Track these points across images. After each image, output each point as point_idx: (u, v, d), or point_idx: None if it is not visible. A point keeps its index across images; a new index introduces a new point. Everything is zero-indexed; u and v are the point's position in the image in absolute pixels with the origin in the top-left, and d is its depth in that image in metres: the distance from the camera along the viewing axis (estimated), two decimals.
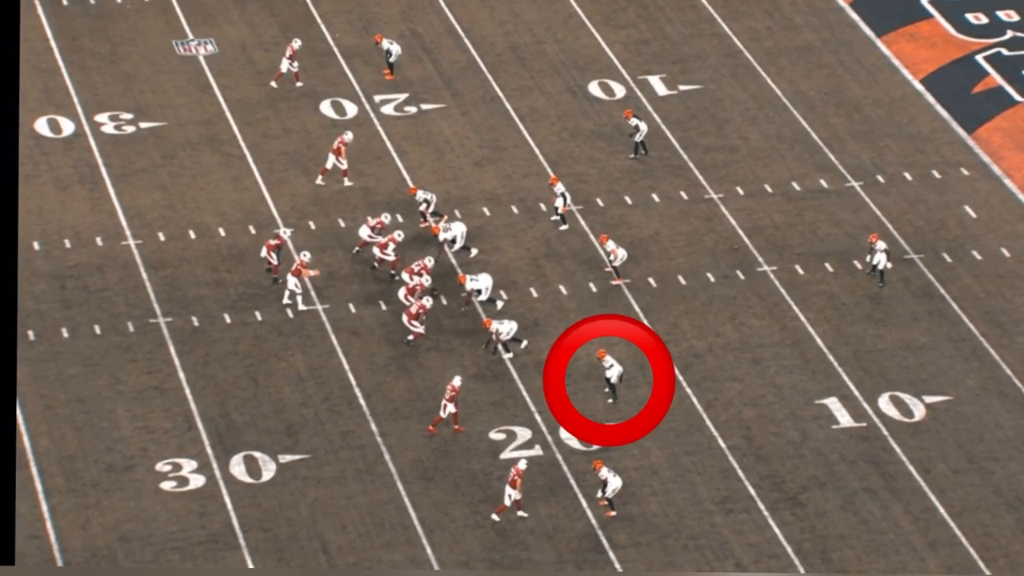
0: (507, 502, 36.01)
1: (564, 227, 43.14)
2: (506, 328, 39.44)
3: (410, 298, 40.08)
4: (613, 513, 36.26)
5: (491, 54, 49.11)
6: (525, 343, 39.69)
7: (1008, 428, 38.77)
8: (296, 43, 47.26)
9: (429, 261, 40.94)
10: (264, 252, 41.33)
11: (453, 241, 41.98)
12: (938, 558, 36.02)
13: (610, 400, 38.67)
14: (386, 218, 42.05)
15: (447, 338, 40.36)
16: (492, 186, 44.72)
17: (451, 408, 37.66)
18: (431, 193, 42.95)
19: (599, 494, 36.28)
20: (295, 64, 47.10)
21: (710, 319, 41.03)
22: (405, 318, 39.81)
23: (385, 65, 47.86)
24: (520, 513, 36.18)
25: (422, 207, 42.81)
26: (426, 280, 40.37)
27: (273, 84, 47.28)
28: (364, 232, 41.87)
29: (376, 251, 41.45)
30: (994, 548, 36.22)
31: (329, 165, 43.99)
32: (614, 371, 38.50)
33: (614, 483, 36.06)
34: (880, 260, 41.27)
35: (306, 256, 40.63)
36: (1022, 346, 40.69)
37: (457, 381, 37.79)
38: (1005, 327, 41.14)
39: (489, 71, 48.51)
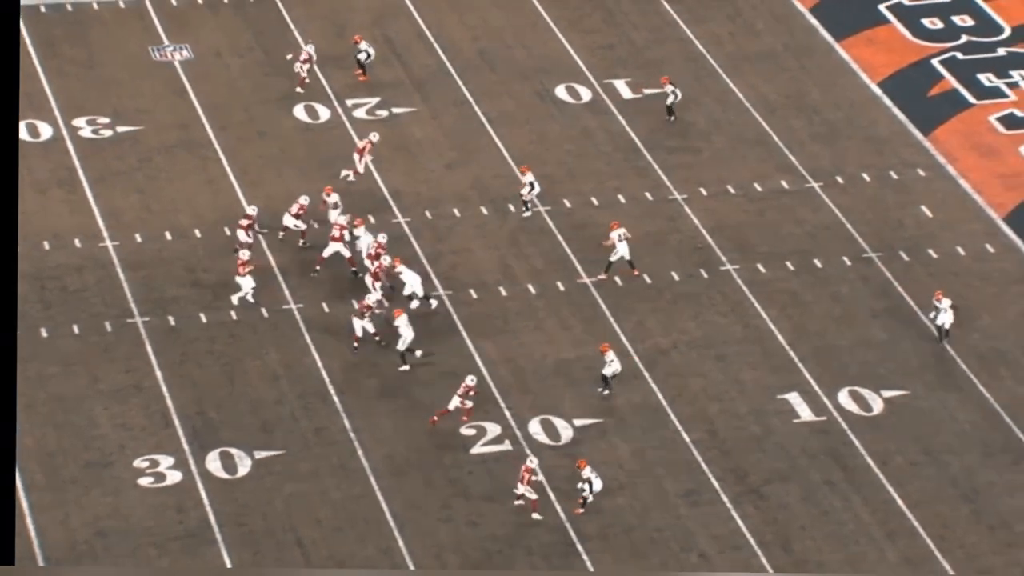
0: (530, 495, 35.95)
1: (527, 214, 43.26)
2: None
3: (376, 284, 40.11)
4: (581, 511, 36.28)
5: (460, 59, 49.15)
6: (420, 352, 39.36)
7: (963, 422, 38.97)
8: (310, 48, 47.15)
9: (383, 238, 40.97)
10: (241, 236, 41.26)
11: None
12: (896, 548, 36.20)
13: (604, 392, 38.63)
14: (305, 200, 41.88)
15: (419, 335, 40.38)
16: (462, 187, 44.76)
17: (457, 403, 37.61)
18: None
19: (585, 491, 36.03)
20: (305, 68, 46.94)
21: (675, 317, 41.14)
22: (361, 308, 39.57)
23: (357, 66, 47.87)
24: (535, 516, 36.07)
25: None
26: (386, 260, 40.36)
27: (299, 90, 47.11)
28: (288, 221, 41.74)
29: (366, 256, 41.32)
30: (950, 539, 36.41)
31: (361, 168, 43.94)
32: (612, 367, 38.47)
33: (597, 484, 35.99)
34: (945, 320, 39.98)
35: (245, 255, 40.48)
36: (977, 342, 40.90)
37: (471, 380, 37.72)
38: (961, 324, 41.33)
39: (459, 75, 48.56)
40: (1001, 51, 49.81)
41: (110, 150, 45.60)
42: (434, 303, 40.62)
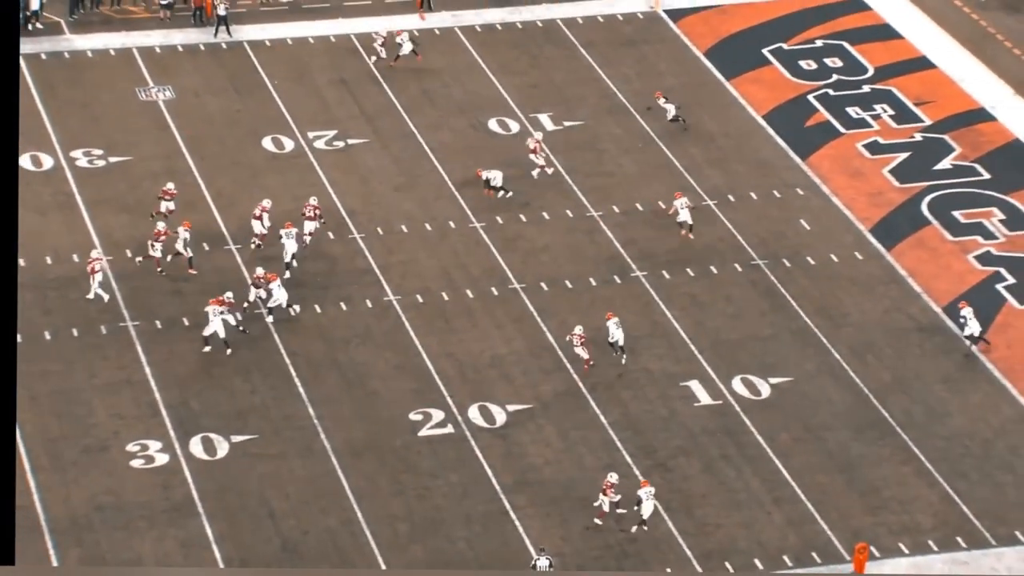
0: (606, 508, 35.27)
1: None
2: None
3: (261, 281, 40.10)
4: (639, 528, 35.19)
5: (406, 96, 49.12)
6: (246, 330, 39.19)
7: (838, 403, 39.29)
8: (384, 32, 48.77)
9: (314, 200, 41.72)
10: (256, 226, 41.72)
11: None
12: (782, 512, 36.45)
13: (623, 361, 38.61)
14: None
15: (373, 335, 40.33)
16: (409, 208, 44.74)
17: (583, 351, 37.98)
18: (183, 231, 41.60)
19: (640, 508, 34.96)
20: (383, 50, 48.53)
21: (593, 316, 41.20)
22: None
23: (394, 57, 48.97)
24: (634, 528, 35.07)
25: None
26: (259, 270, 40.13)
27: (372, 60, 48.76)
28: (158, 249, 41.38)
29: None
30: (827, 503, 36.72)
31: (543, 161, 44.73)
32: (620, 334, 38.56)
33: (648, 506, 35.11)
34: (974, 328, 39.46)
35: (96, 253, 40.41)
36: (849, 335, 41.25)
37: (579, 329, 38.03)
38: (835, 320, 41.70)
39: (405, 111, 48.52)
40: (866, 88, 50.29)
41: (103, 177, 45.26)
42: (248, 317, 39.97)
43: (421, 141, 47.35)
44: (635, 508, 35.30)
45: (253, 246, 41.87)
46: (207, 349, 38.87)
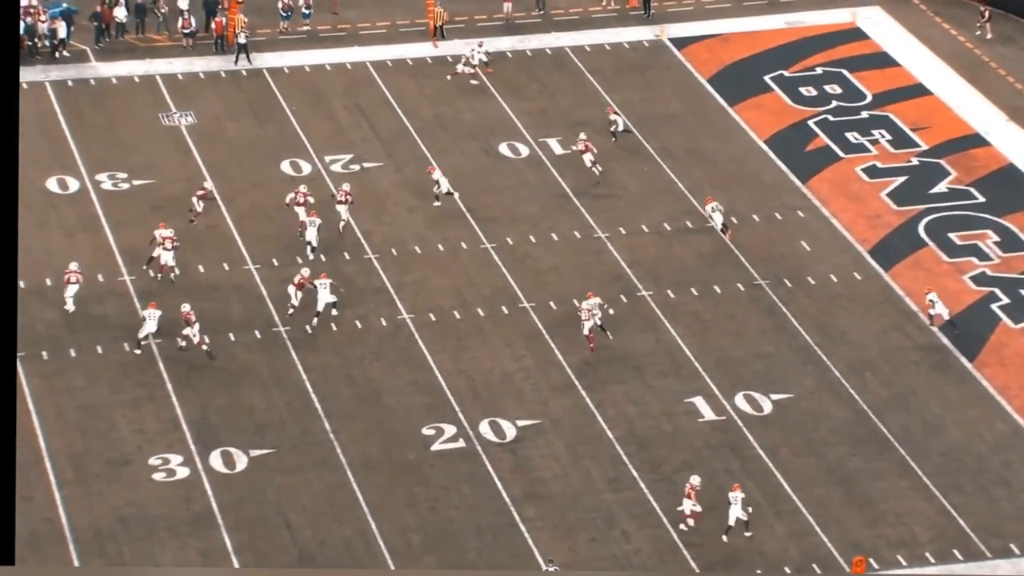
0: (687, 511, 35.25)
1: (437, 204, 44.38)
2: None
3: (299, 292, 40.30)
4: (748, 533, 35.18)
5: (419, 121, 49.22)
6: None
7: (838, 419, 39.24)
8: (472, 52, 49.86)
9: (347, 186, 42.35)
10: (196, 201, 42.73)
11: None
12: (783, 524, 36.38)
13: (609, 336, 39.05)
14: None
15: (387, 352, 40.34)
16: (421, 229, 44.80)
17: (587, 328, 38.75)
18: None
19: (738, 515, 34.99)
20: (468, 69, 49.54)
21: (599, 334, 41.18)
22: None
23: (477, 65, 50.21)
24: (683, 527, 35.23)
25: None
26: (305, 271, 40.40)
27: (459, 78, 49.60)
28: (167, 257, 41.52)
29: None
30: (827, 516, 36.64)
31: (592, 170, 45.82)
32: (596, 318, 39.05)
33: (736, 511, 35.03)
34: (943, 312, 40.66)
35: (73, 266, 40.47)
36: (847, 353, 41.21)
37: (586, 303, 38.62)
38: (834, 338, 41.66)
39: (418, 135, 48.62)
40: (864, 114, 50.32)
41: (127, 200, 45.38)
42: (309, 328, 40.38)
43: (434, 165, 47.39)
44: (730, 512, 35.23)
45: (299, 232, 42.75)
46: (138, 351, 38.99)
